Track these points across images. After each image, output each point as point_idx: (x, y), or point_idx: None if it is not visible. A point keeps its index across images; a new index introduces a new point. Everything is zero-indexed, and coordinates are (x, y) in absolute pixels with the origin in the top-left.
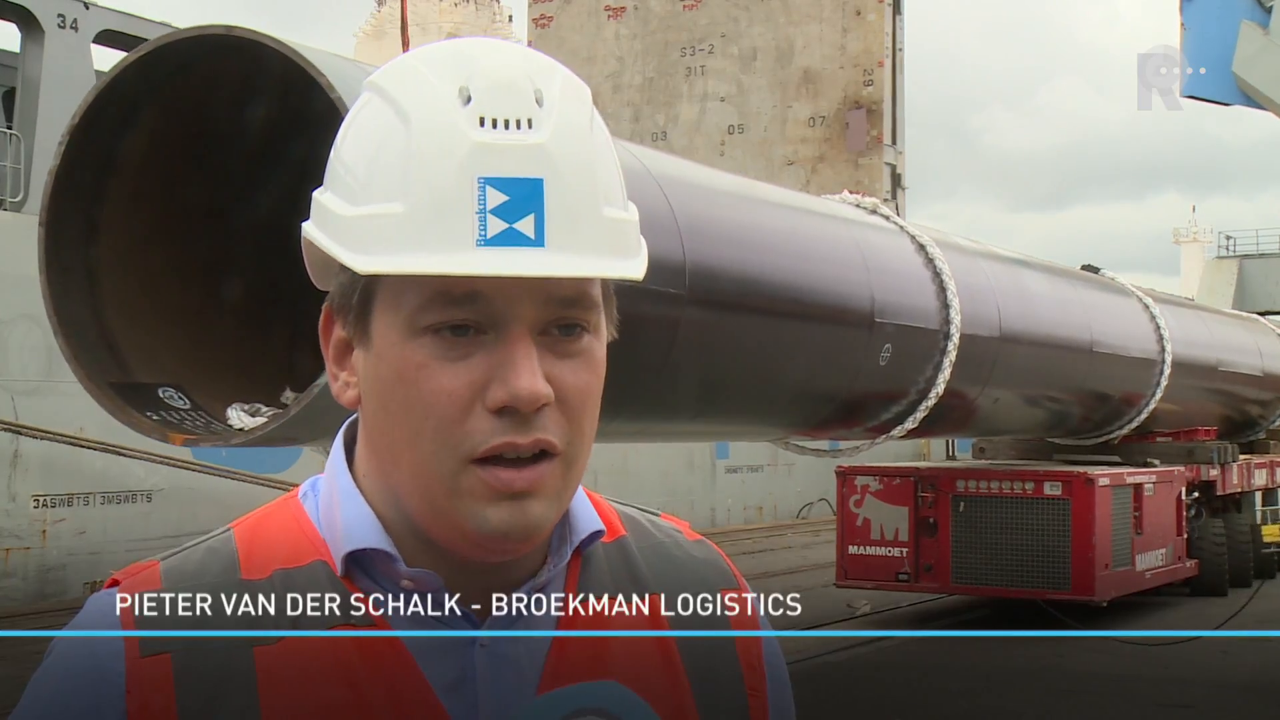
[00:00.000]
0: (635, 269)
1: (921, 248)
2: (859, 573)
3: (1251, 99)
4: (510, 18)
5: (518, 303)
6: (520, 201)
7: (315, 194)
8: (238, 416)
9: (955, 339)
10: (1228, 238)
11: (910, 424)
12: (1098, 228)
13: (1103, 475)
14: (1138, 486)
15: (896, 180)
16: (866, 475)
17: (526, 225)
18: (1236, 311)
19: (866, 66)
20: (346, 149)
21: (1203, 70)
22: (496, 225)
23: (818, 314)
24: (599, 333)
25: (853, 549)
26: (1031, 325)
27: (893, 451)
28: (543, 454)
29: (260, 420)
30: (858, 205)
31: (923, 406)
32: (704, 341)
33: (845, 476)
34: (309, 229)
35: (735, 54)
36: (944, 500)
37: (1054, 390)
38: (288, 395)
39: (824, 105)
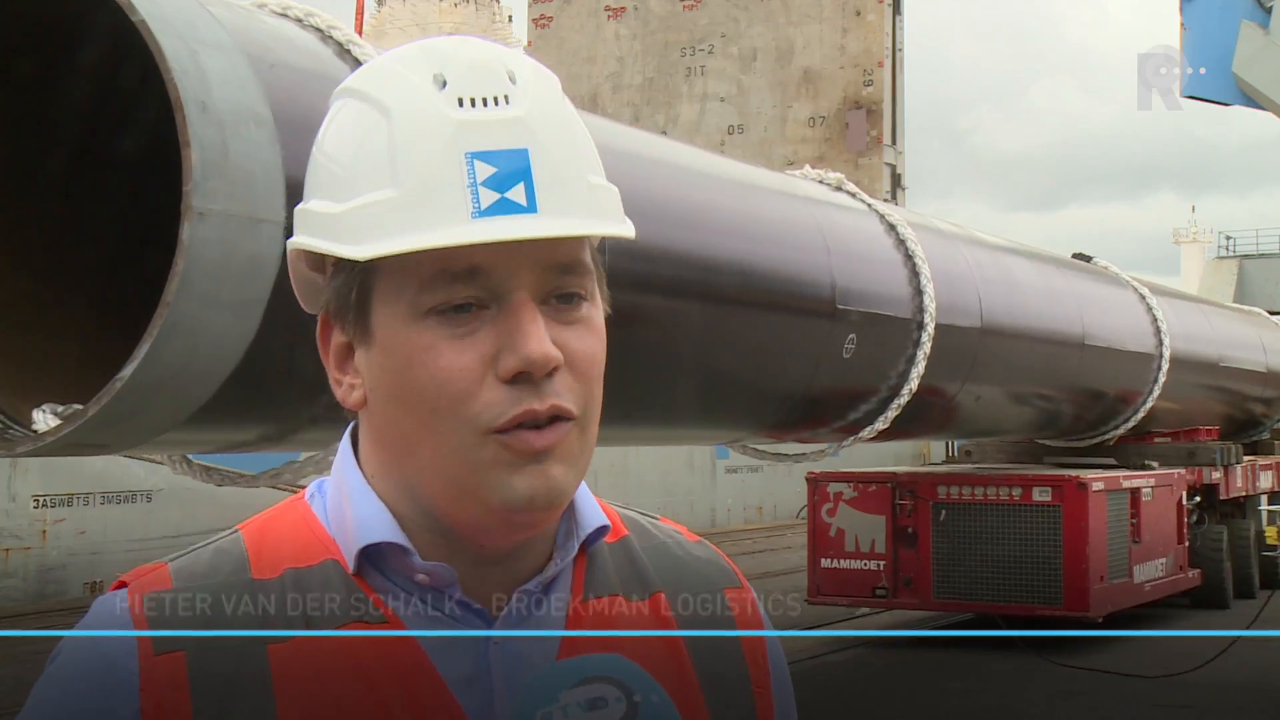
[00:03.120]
0: (627, 229)
1: (892, 228)
2: (832, 588)
3: (1251, 99)
4: (510, 18)
5: (517, 272)
6: (509, 172)
7: (297, 208)
8: (44, 419)
9: (930, 329)
10: (1228, 238)
11: (881, 424)
12: (1095, 227)
13: (1096, 479)
14: (1134, 491)
15: (896, 180)
16: (839, 482)
17: (518, 194)
18: (1238, 305)
19: (866, 67)
20: (326, 153)
21: (1203, 70)
22: (489, 196)
23: (768, 300)
24: (596, 301)
25: (825, 562)
26: (1017, 316)
27: (892, 453)
28: (559, 417)
29: (56, 423)
30: (821, 181)
31: (894, 404)
32: (635, 331)
33: (816, 483)
34: (295, 241)
35: (735, 54)
36: (924, 508)
37: (1043, 387)
38: None
39: (824, 105)
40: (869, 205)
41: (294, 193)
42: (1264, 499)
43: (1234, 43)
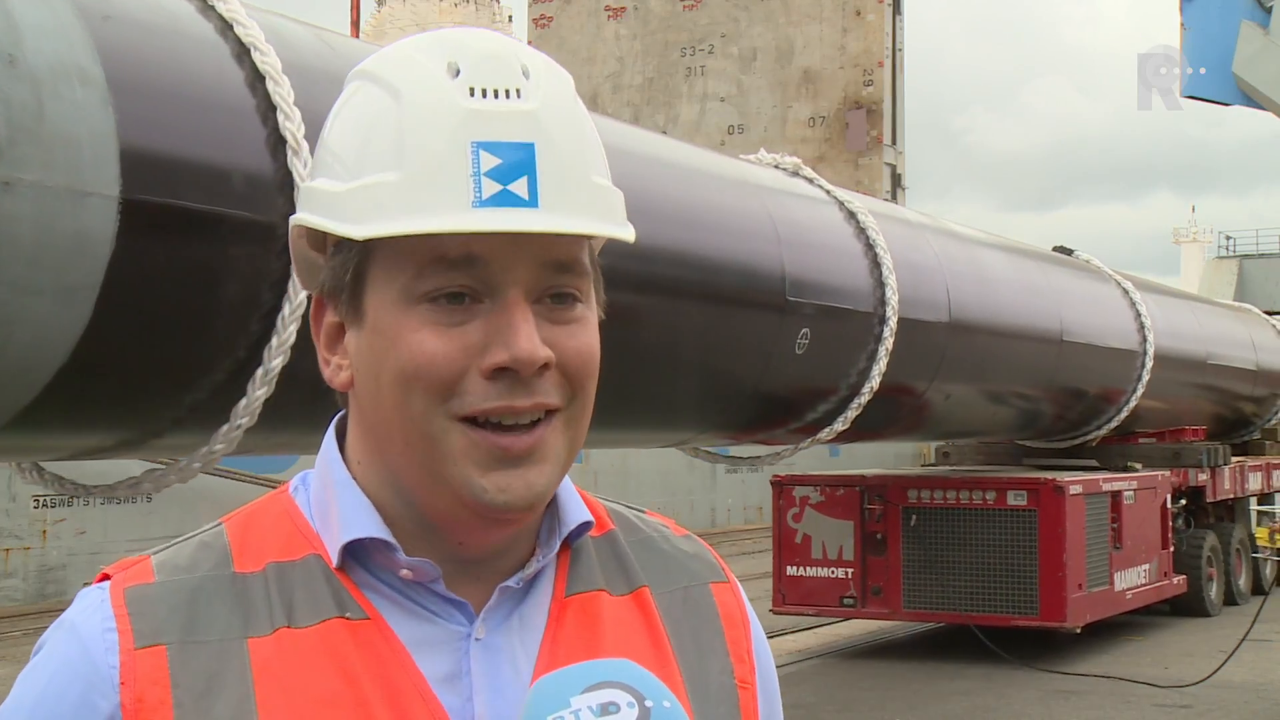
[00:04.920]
0: (628, 232)
1: (852, 216)
2: (798, 597)
3: (1251, 99)
4: (510, 18)
5: (513, 266)
6: (513, 165)
7: (303, 185)
8: None
9: (892, 324)
10: (1228, 238)
11: (840, 425)
12: (1093, 227)
13: (1074, 482)
14: (1115, 494)
15: (897, 180)
16: (806, 485)
17: (520, 187)
18: (1228, 302)
19: (866, 66)
20: (336, 134)
21: (1203, 70)
22: (491, 187)
23: (710, 291)
24: (591, 302)
25: (791, 570)
26: (989, 310)
27: (892, 454)
28: (543, 414)
29: None
30: (776, 166)
31: (855, 404)
32: None
33: (781, 487)
34: (298, 218)
35: (735, 54)
36: (894, 513)
37: (1019, 385)
38: None
39: (824, 105)
40: (828, 192)
41: (130, 162)
42: (1252, 501)
43: (1234, 43)
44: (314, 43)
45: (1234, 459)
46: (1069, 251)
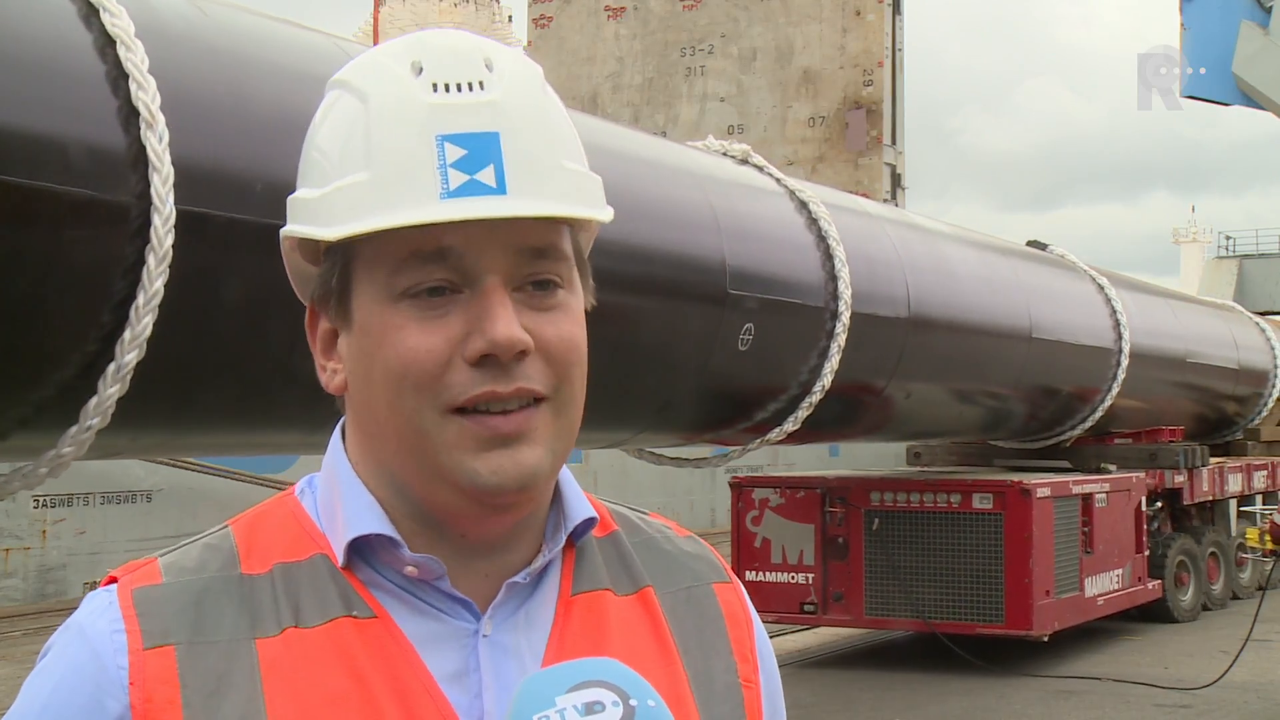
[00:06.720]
0: (602, 214)
1: (804, 206)
2: (757, 603)
3: (1251, 99)
4: (510, 18)
5: (488, 254)
6: (479, 154)
7: (288, 198)
8: None
9: (845, 319)
10: (1227, 238)
11: (791, 425)
12: (1092, 227)
13: (1042, 485)
14: (1086, 497)
15: (896, 180)
16: (765, 487)
17: (487, 175)
18: (1210, 298)
19: (866, 67)
20: (315, 143)
21: (1203, 70)
22: (458, 178)
23: (639, 283)
24: (574, 288)
25: (750, 575)
26: (952, 305)
27: (892, 454)
28: (530, 402)
29: None
30: (724, 153)
31: (806, 403)
32: None
33: (740, 489)
34: (284, 230)
35: (735, 54)
36: (856, 516)
37: (986, 383)
38: None
39: (824, 105)
40: (778, 181)
41: None
42: (1232, 504)
43: (1234, 43)
44: (181, 6)
45: (1214, 460)
46: (1042, 246)
